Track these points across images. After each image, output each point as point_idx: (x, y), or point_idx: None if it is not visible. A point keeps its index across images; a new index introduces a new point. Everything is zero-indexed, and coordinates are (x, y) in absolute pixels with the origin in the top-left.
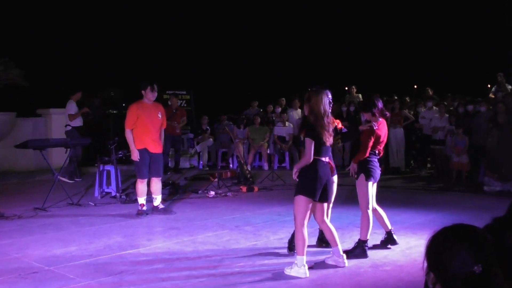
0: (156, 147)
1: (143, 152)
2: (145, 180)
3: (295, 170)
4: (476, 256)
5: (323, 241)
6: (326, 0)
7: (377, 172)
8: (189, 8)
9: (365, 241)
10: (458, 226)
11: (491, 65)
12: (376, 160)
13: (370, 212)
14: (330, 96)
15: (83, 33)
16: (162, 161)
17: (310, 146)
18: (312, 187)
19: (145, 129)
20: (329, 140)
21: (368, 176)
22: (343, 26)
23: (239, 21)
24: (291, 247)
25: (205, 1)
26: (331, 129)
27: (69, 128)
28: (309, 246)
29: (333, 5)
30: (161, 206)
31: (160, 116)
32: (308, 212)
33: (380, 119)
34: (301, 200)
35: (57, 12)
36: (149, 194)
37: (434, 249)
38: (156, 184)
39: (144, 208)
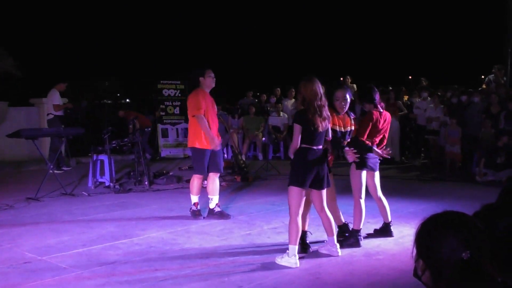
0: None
1: (204, 150)
2: (202, 177)
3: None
4: (465, 243)
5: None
6: None
7: (371, 161)
8: None
9: (358, 231)
10: (447, 213)
11: (486, 57)
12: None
13: (362, 201)
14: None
15: (78, 23)
16: (221, 155)
17: (297, 132)
18: (300, 176)
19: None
20: (321, 125)
21: (360, 165)
22: (338, 17)
23: (235, 11)
24: (304, 246)
25: None
26: (324, 113)
27: (51, 116)
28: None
29: None
30: (218, 209)
31: (216, 108)
32: (303, 201)
33: (383, 111)
34: (292, 191)
35: (52, 2)
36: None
37: (423, 236)
38: (214, 183)
39: (198, 207)
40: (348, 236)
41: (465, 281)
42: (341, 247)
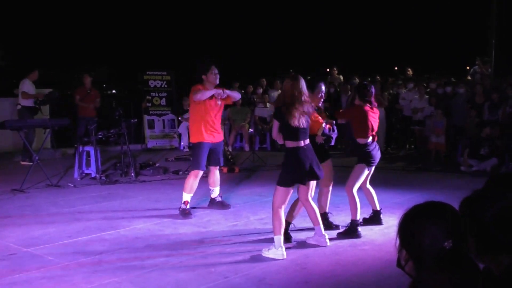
0: (217, 137)
1: (202, 144)
2: (201, 173)
3: None
4: (447, 232)
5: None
6: None
7: (377, 155)
8: None
9: (357, 221)
10: (429, 204)
11: (471, 47)
12: (372, 143)
13: (355, 192)
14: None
15: (64, 13)
16: (222, 150)
17: (275, 127)
18: (295, 175)
19: (204, 118)
20: (302, 122)
21: (370, 162)
22: (324, 8)
23: (220, 2)
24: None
25: None
26: (305, 109)
27: (19, 107)
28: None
29: None
30: (219, 198)
31: (219, 102)
32: (288, 199)
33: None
34: (281, 190)
35: None
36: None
37: (405, 227)
38: (214, 175)
39: (188, 206)
40: (348, 228)
41: (447, 270)
42: (342, 238)
